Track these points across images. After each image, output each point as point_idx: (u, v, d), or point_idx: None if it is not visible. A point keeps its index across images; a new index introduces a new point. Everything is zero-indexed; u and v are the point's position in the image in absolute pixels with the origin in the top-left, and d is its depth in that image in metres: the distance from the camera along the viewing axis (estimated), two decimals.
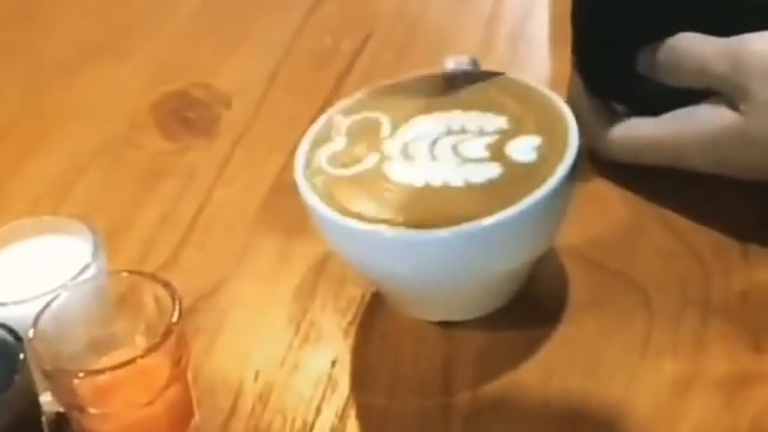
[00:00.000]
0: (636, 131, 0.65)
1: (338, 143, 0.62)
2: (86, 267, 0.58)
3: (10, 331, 0.55)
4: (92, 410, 0.55)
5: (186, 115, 0.82)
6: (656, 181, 0.67)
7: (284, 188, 0.73)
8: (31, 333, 0.55)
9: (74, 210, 0.73)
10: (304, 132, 0.63)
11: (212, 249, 0.71)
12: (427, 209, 0.57)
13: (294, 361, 0.63)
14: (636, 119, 0.66)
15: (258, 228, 0.72)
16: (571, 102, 0.63)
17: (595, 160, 0.69)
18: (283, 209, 0.72)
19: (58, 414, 0.59)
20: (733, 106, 0.61)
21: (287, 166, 0.73)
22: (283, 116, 0.80)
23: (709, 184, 0.65)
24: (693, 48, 0.62)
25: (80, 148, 0.80)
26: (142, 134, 0.81)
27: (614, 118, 0.67)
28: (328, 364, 0.62)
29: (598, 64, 0.67)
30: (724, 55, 0.61)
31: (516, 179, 0.57)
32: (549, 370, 0.60)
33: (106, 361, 0.56)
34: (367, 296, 0.65)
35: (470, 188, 0.57)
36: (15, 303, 0.57)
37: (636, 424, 0.57)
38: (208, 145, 0.79)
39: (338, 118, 0.63)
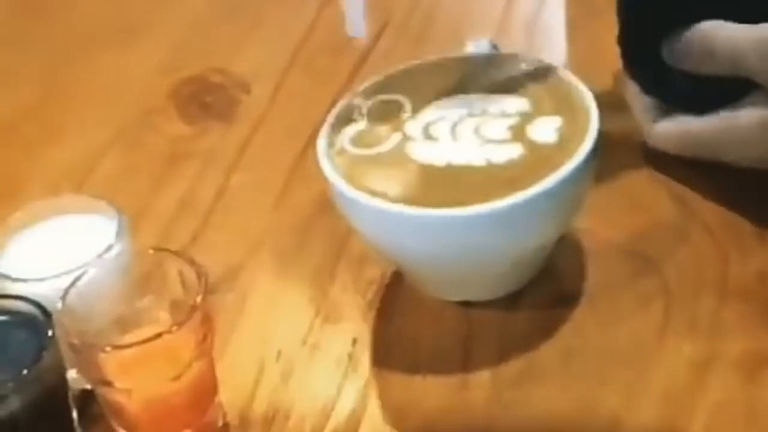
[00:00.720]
0: (681, 127, 0.66)
1: (360, 124, 0.62)
2: (112, 244, 0.59)
3: (39, 306, 0.55)
4: (118, 385, 0.55)
5: (204, 99, 0.83)
6: (674, 163, 0.67)
7: (303, 172, 0.74)
8: (59, 308, 0.55)
9: (94, 193, 0.73)
10: (322, 117, 0.64)
11: (232, 231, 0.72)
12: (449, 189, 0.58)
13: (315, 341, 0.63)
14: (681, 116, 0.66)
15: (278, 210, 0.72)
16: (624, 92, 0.64)
17: (614, 143, 0.69)
18: (303, 192, 0.73)
19: (84, 391, 0.60)
20: None
21: (306, 150, 0.74)
22: (301, 101, 0.80)
23: (725, 167, 0.65)
24: (726, 37, 0.62)
25: (99, 132, 0.81)
26: (161, 118, 0.81)
27: (661, 110, 0.67)
28: (349, 344, 0.63)
29: (635, 57, 0.67)
30: (758, 46, 0.60)
31: (537, 160, 0.58)
32: (567, 351, 0.61)
33: (131, 338, 0.56)
34: (388, 276, 0.66)
35: (492, 168, 0.58)
36: (42, 279, 0.57)
37: (654, 404, 0.57)
38: (227, 129, 0.80)
39: (360, 100, 0.64)
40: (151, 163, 0.78)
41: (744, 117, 0.62)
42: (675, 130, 0.66)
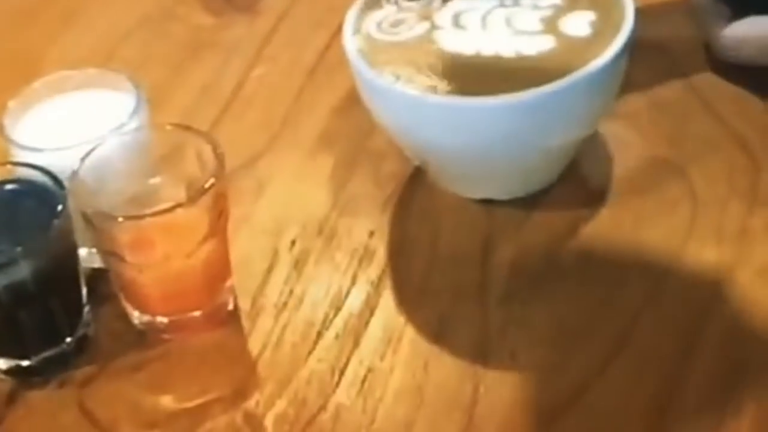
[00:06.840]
0: (759, 30, 0.63)
1: (388, 10, 0.61)
2: (129, 119, 0.58)
3: (52, 176, 0.55)
4: (129, 259, 0.54)
5: None
6: (707, 71, 0.66)
7: (327, 67, 0.73)
8: (72, 178, 0.54)
9: None
10: None
11: (252, 121, 0.70)
12: (476, 78, 0.56)
13: (331, 231, 0.62)
14: (754, 18, 0.63)
15: (299, 103, 0.71)
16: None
17: (648, 49, 0.67)
18: (325, 87, 0.71)
19: (95, 270, 0.59)
20: None
21: (330, 45, 0.73)
22: None
23: (760, 78, 0.64)
24: None
25: (122, 18, 0.79)
26: (185, 8, 0.80)
27: (732, 16, 0.65)
28: (366, 235, 0.62)
29: None
30: None
31: (568, 53, 0.56)
32: (588, 254, 0.60)
33: None
34: (408, 171, 0.65)
35: (521, 59, 0.56)
36: (58, 149, 0.56)
37: (674, 308, 0.56)
38: (251, 22, 0.78)
39: None
40: (173, 52, 0.76)
41: None
42: (751, 32, 0.64)
